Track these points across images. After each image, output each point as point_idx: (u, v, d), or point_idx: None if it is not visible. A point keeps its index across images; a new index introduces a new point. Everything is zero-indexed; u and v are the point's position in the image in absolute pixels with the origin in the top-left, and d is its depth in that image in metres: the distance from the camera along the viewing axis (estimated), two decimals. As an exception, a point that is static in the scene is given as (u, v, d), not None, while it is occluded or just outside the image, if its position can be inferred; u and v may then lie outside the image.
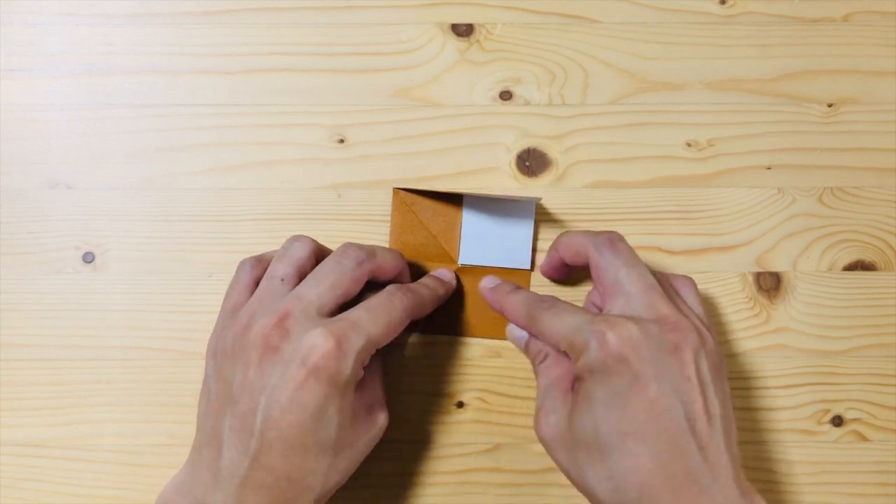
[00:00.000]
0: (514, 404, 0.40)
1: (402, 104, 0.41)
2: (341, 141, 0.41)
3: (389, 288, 0.35)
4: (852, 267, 0.41)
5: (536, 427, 0.35)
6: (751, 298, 0.41)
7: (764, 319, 0.41)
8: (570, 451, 0.33)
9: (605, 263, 0.35)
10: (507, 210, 0.40)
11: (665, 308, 0.33)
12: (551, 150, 0.41)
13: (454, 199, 0.40)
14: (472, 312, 0.40)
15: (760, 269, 0.41)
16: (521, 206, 0.40)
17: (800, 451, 0.40)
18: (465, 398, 0.41)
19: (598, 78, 0.42)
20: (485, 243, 0.40)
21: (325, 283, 0.34)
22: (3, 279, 0.40)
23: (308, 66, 0.41)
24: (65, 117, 0.41)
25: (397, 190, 0.41)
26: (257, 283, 0.36)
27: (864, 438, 0.40)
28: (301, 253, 0.35)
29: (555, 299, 0.36)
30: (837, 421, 0.40)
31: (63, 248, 0.41)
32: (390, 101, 0.41)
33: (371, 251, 0.36)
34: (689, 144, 0.42)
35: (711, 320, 0.41)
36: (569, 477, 0.34)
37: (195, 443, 0.34)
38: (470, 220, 0.40)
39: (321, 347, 0.31)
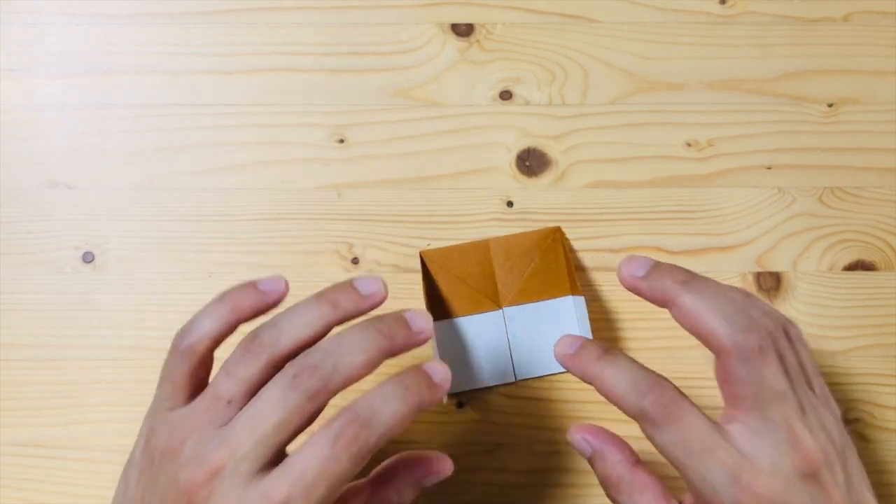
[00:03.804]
0: (514, 404, 0.40)
1: (402, 104, 0.41)
2: (341, 141, 0.41)
3: (339, 423, 0.27)
4: (852, 267, 0.41)
5: None
6: (751, 298, 0.41)
7: (764, 319, 0.41)
8: None
9: (749, 379, 0.29)
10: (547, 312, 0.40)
11: (807, 439, 0.30)
12: (551, 149, 0.41)
13: (480, 244, 0.40)
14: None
15: (760, 269, 0.41)
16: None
17: (800, 451, 0.40)
18: (465, 398, 0.40)
19: (598, 78, 0.42)
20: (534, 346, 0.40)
21: (266, 425, 0.27)
22: (3, 279, 0.40)
23: (308, 66, 0.41)
24: (65, 117, 0.41)
25: (423, 252, 0.40)
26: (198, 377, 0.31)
27: (864, 438, 0.40)
28: (249, 373, 0.29)
29: (676, 394, 0.29)
30: (837, 421, 0.40)
31: (63, 248, 0.41)
32: (390, 101, 0.41)
33: (332, 371, 0.28)
34: (689, 144, 0.42)
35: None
36: None
37: None
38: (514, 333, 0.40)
39: None
